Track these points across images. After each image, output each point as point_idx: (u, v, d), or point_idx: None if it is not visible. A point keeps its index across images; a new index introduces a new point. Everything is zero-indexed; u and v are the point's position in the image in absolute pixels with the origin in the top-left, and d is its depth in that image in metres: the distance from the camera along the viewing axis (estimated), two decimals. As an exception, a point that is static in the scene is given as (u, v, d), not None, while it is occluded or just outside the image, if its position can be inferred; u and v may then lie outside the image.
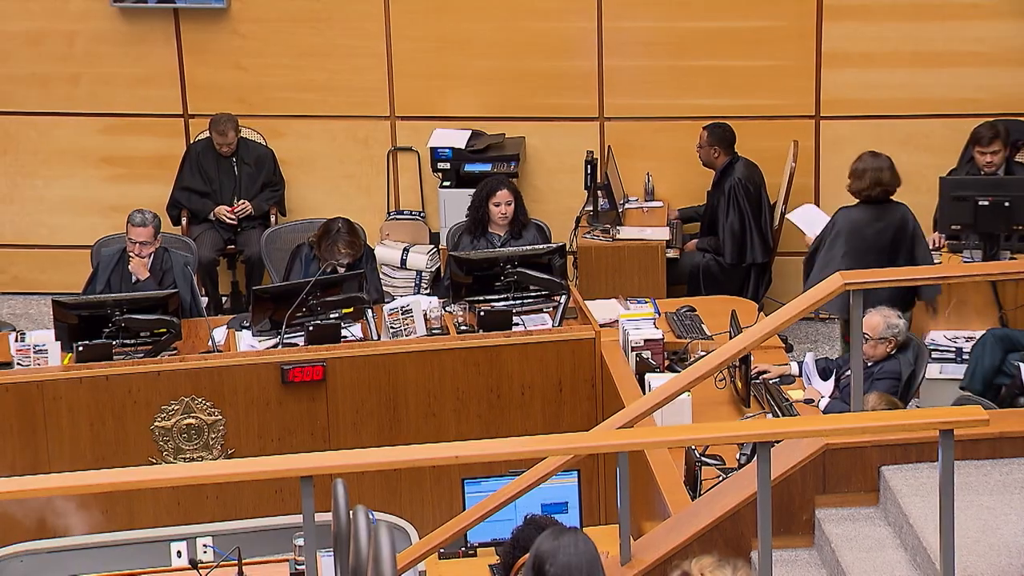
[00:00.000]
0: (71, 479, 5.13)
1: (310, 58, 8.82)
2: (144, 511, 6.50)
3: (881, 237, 7.27)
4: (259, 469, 4.68)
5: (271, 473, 4.63)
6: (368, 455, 4.67)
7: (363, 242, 7.61)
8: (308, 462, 4.52)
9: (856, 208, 7.35)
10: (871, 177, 7.26)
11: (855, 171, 7.34)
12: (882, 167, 7.29)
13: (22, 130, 8.94)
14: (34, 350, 6.68)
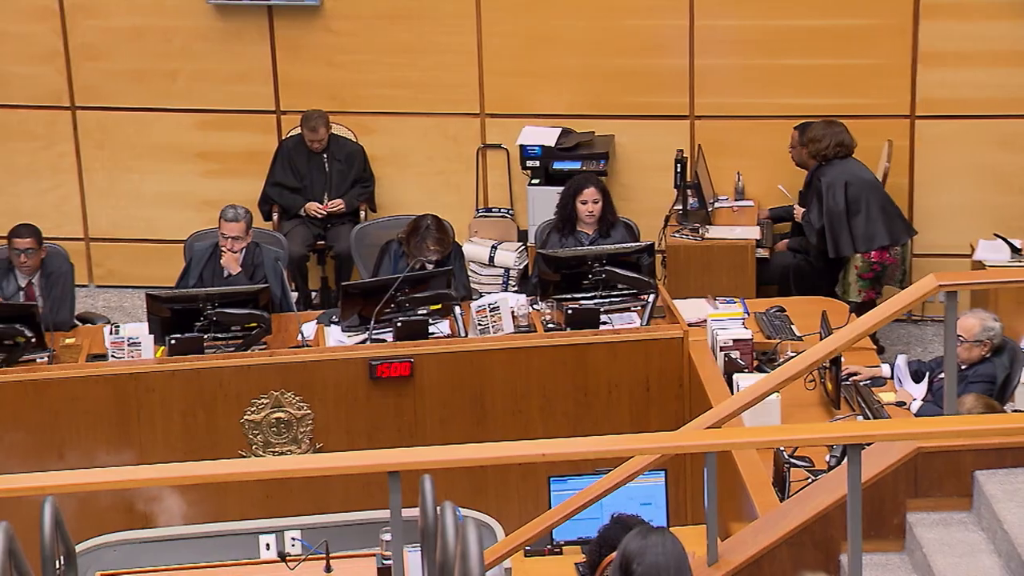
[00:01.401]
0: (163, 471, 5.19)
1: (401, 55, 8.85)
2: (233, 503, 6.55)
3: (870, 182, 8.02)
4: (348, 464, 4.71)
5: (359, 468, 4.64)
6: (455, 451, 4.68)
7: (452, 239, 7.63)
8: (396, 457, 4.54)
9: (830, 165, 8.03)
10: (832, 139, 8.03)
11: (812, 139, 8.08)
12: (841, 131, 8.06)
13: (119, 125, 9.06)
14: (128, 343, 6.76)
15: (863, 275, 8.08)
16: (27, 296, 7.35)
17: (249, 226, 7.52)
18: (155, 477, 5.31)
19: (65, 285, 7.49)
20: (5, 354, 6.68)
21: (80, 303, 8.14)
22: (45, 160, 9.12)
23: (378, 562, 5.33)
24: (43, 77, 8.97)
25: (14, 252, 7.38)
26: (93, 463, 6.44)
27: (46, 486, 4.52)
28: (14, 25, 8.88)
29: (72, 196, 9.18)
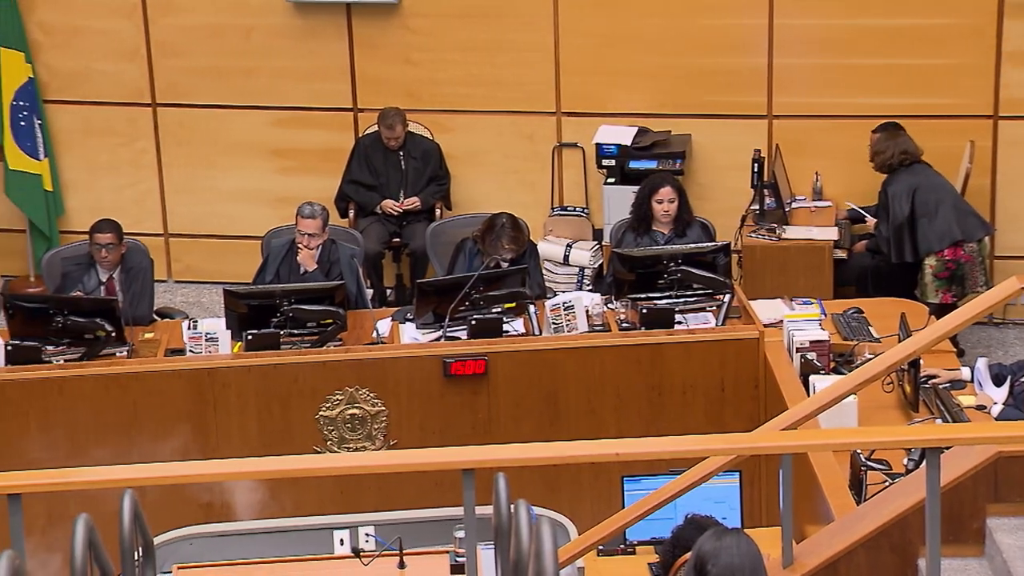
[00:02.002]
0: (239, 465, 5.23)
1: (478, 53, 8.86)
2: (308, 498, 6.59)
3: (940, 184, 8.03)
4: (422, 461, 4.72)
5: (433, 465, 4.65)
6: (530, 450, 4.67)
7: (527, 237, 7.62)
8: (470, 455, 4.54)
9: (897, 174, 8.01)
10: (895, 148, 8.02)
11: (876, 151, 8.09)
12: (903, 139, 8.05)
13: (198, 122, 9.14)
14: (205, 338, 6.81)
15: (938, 275, 7.99)
16: (107, 291, 7.43)
17: (326, 223, 7.56)
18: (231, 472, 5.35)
19: (145, 280, 7.56)
20: (85, 348, 6.76)
21: (159, 298, 8.22)
22: (126, 156, 9.23)
23: (451, 559, 5.34)
24: (125, 74, 9.07)
25: (95, 247, 7.47)
26: (170, 457, 6.50)
27: (125, 479, 4.57)
28: (98, 22, 8.99)
29: (152, 192, 9.28)
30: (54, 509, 6.30)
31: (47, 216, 9.09)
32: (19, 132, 8.95)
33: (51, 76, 9.07)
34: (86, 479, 4.63)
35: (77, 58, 9.04)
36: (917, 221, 7.99)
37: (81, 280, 7.44)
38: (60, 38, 9.02)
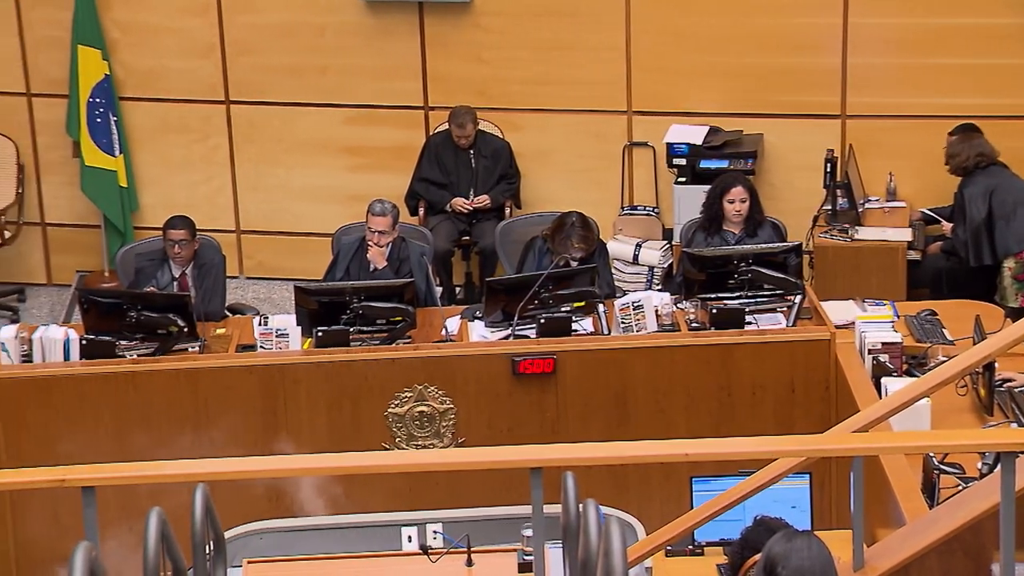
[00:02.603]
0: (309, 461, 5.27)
1: (549, 52, 8.86)
2: (376, 495, 6.61)
3: (1017, 185, 7.95)
4: (490, 459, 4.72)
5: (502, 463, 4.66)
6: (599, 449, 4.67)
7: (596, 236, 7.61)
8: (539, 454, 4.54)
9: (973, 177, 7.92)
10: (970, 151, 7.95)
11: (951, 155, 8.03)
12: (979, 142, 7.99)
13: (269, 119, 9.20)
14: (276, 334, 6.85)
15: (1017, 276, 7.89)
16: (180, 286, 7.49)
17: (396, 221, 7.59)
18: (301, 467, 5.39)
19: (217, 276, 7.62)
20: (158, 343, 6.82)
21: (231, 294, 8.27)
22: (199, 153, 9.31)
23: (519, 557, 5.33)
24: (200, 71, 9.14)
25: (168, 243, 7.53)
26: (240, 452, 6.55)
27: (197, 473, 4.61)
28: (174, 20, 9.07)
29: (225, 189, 9.35)
30: (126, 502, 6.36)
31: (122, 212, 9.19)
32: (95, 129, 9.05)
33: (127, 73, 9.16)
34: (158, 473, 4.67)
35: (153, 56, 9.12)
36: (995, 223, 7.89)
37: (154, 276, 7.51)
38: (136, 36, 9.12)
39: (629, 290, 8.19)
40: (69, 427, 6.65)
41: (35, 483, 4.71)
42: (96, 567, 3.52)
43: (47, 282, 9.51)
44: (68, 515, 6.42)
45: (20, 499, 6.48)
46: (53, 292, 9.45)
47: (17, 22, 9.08)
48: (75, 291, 9.10)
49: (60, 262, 9.49)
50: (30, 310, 9.22)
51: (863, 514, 4.80)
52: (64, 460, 6.41)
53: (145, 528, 3.98)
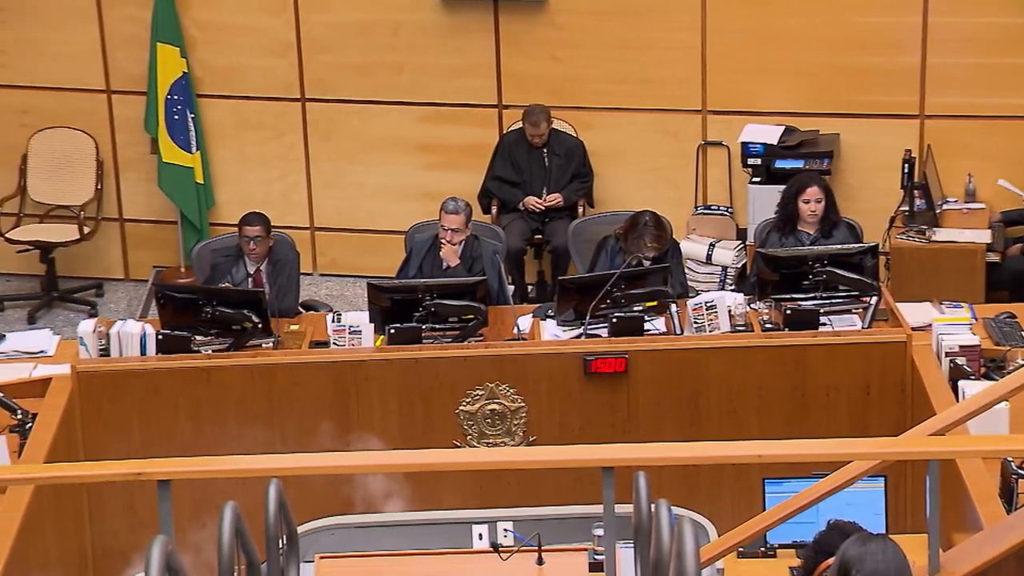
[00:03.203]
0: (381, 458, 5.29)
1: (624, 50, 8.83)
2: (447, 492, 6.62)
3: None
4: (561, 458, 4.72)
5: (573, 462, 4.66)
6: (671, 449, 4.65)
7: (670, 236, 7.58)
8: (611, 453, 4.53)
9: None
10: None
11: None
12: None
13: (345, 117, 9.25)
14: (349, 331, 6.88)
15: None
16: (255, 283, 7.54)
17: (469, 219, 7.59)
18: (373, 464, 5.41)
19: (291, 273, 7.66)
20: (233, 338, 6.87)
21: (304, 291, 8.32)
22: (275, 150, 9.37)
23: (590, 557, 5.32)
24: (276, 70, 9.21)
25: (244, 239, 7.59)
26: (313, 448, 6.58)
27: (271, 468, 4.64)
28: (251, 19, 9.14)
29: (299, 186, 9.41)
30: (200, 496, 6.42)
31: (198, 208, 9.27)
32: (173, 126, 9.14)
33: (204, 71, 9.25)
34: (233, 467, 4.71)
35: (230, 54, 9.20)
36: None
37: (229, 272, 7.56)
38: (214, 34, 9.20)
39: (702, 290, 8.14)
40: (144, 421, 6.71)
41: (113, 476, 4.77)
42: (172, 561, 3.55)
43: (124, 277, 9.62)
44: (143, 507, 6.48)
45: (97, 491, 6.55)
46: (130, 287, 9.55)
47: (98, 20, 9.19)
48: (152, 286, 9.20)
49: (137, 258, 9.59)
50: (108, 305, 9.34)
51: (939, 518, 4.74)
52: (139, 453, 6.49)
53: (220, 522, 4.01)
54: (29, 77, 9.26)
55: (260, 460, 4.72)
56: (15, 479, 5.37)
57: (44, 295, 9.26)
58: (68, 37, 9.19)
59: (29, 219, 9.37)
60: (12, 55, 9.24)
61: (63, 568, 6.26)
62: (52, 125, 9.30)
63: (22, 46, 9.22)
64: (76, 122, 9.29)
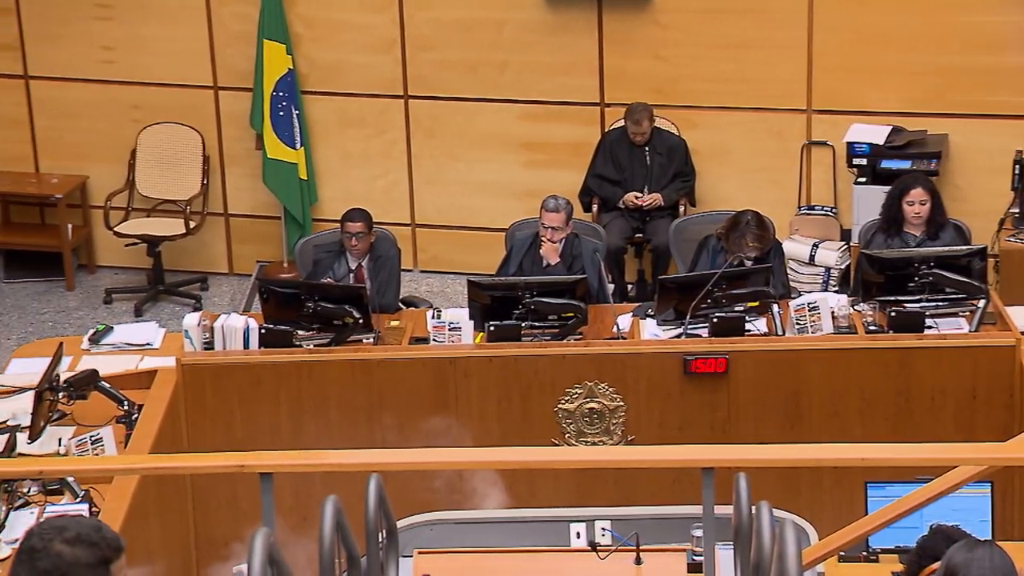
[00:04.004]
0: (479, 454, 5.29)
1: (729, 49, 8.77)
2: (545, 490, 6.62)
3: None
4: (661, 457, 4.70)
5: (673, 462, 4.63)
6: (772, 451, 4.60)
7: (772, 236, 7.51)
8: (711, 454, 4.50)
9: None
10: None
11: None
12: None
13: (449, 114, 9.28)
14: (449, 327, 6.89)
15: None
16: (356, 278, 7.59)
17: (569, 217, 7.58)
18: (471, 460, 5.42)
19: (392, 269, 7.71)
20: (334, 334, 6.92)
21: (405, 287, 8.37)
22: (377, 147, 9.43)
23: (688, 558, 5.29)
24: (380, 67, 9.27)
25: (346, 235, 7.64)
26: (412, 443, 6.62)
27: (371, 463, 4.66)
28: (356, 16, 9.21)
29: (401, 183, 9.46)
30: (301, 489, 6.48)
31: (301, 204, 9.36)
32: (278, 122, 9.24)
33: (310, 68, 9.33)
34: (334, 462, 4.74)
35: (335, 50, 9.28)
36: None
37: (331, 267, 7.62)
38: (320, 31, 9.28)
39: (805, 291, 8.07)
40: (247, 414, 6.78)
41: (216, 468, 4.82)
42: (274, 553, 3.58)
43: (229, 271, 9.73)
44: (245, 499, 6.56)
45: (200, 482, 6.64)
46: (234, 281, 9.67)
47: (207, 17, 9.31)
48: (255, 281, 9.31)
49: (241, 252, 9.70)
50: (212, 298, 9.46)
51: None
52: (241, 445, 6.56)
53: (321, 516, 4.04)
54: (139, 73, 9.41)
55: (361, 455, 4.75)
56: (121, 469, 5.46)
57: (151, 288, 9.40)
58: (177, 34, 9.32)
59: (137, 213, 9.52)
60: (122, 51, 9.40)
61: (167, 558, 6.35)
62: (160, 120, 9.44)
63: (132, 43, 9.37)
64: (184, 118, 9.43)
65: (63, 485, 5.70)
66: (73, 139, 9.54)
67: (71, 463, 5.67)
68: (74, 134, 9.53)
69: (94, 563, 2.88)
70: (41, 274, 9.58)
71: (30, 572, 2.86)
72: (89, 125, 9.50)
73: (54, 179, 9.56)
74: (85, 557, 2.87)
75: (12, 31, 9.40)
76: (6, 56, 9.42)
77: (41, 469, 5.12)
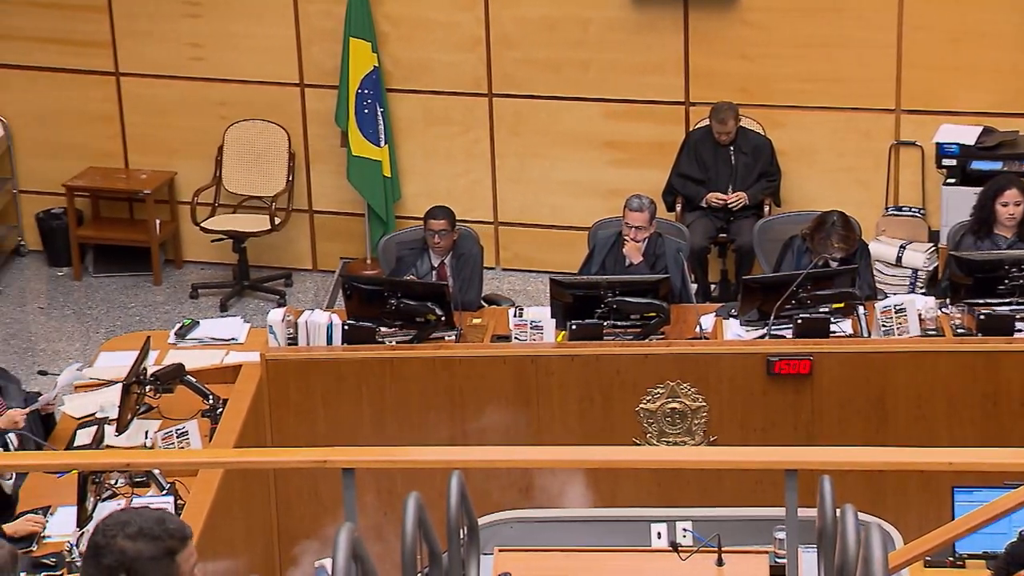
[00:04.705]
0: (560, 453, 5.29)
1: (816, 48, 8.69)
2: (626, 490, 6.60)
3: None
4: (744, 459, 4.67)
5: (756, 464, 4.60)
6: (858, 453, 4.56)
7: (858, 237, 7.44)
8: (795, 456, 4.46)
9: None
10: None
11: None
12: None
13: (534, 112, 9.28)
14: (531, 326, 6.89)
15: None
16: (439, 276, 7.61)
17: (653, 216, 7.56)
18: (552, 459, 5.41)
19: (474, 267, 7.72)
20: (416, 330, 6.94)
21: (487, 285, 8.38)
22: (461, 145, 9.45)
23: (771, 560, 5.24)
24: (464, 65, 9.29)
25: (429, 233, 7.66)
26: (492, 441, 6.62)
27: (453, 460, 4.67)
28: (442, 14, 9.23)
29: (484, 180, 9.48)
30: (383, 484, 6.51)
31: (385, 201, 9.40)
32: (363, 119, 9.28)
33: (395, 66, 9.37)
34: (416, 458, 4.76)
35: (420, 48, 9.31)
36: None
37: (414, 264, 7.65)
38: (405, 29, 9.31)
39: (891, 292, 7.98)
40: (329, 409, 6.83)
41: (299, 463, 4.85)
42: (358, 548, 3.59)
43: (312, 268, 9.80)
44: (328, 494, 6.60)
45: (283, 476, 6.69)
46: (318, 278, 9.73)
47: (294, 14, 9.38)
48: (339, 277, 9.36)
49: (325, 248, 9.76)
50: (296, 294, 9.53)
51: None
52: (323, 440, 6.60)
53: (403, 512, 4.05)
54: (226, 70, 9.50)
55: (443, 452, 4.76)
56: (206, 463, 5.52)
57: (236, 284, 9.49)
58: (264, 31, 9.40)
59: (223, 209, 9.61)
60: (210, 48, 9.49)
61: (250, 551, 6.41)
62: (247, 117, 9.52)
63: (220, 40, 9.46)
64: (270, 115, 9.51)
65: (149, 477, 5.77)
66: (162, 135, 9.66)
67: (157, 456, 5.75)
68: (163, 130, 9.65)
69: (158, 556, 2.90)
70: (129, 268, 9.70)
71: (96, 569, 2.89)
72: (177, 122, 9.61)
73: (143, 175, 9.68)
74: (148, 551, 2.90)
75: (104, 29, 9.53)
76: (99, 53, 9.56)
77: (128, 462, 5.18)
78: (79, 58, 9.55)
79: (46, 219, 9.79)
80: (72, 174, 9.60)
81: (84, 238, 9.68)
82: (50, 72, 9.58)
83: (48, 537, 5.65)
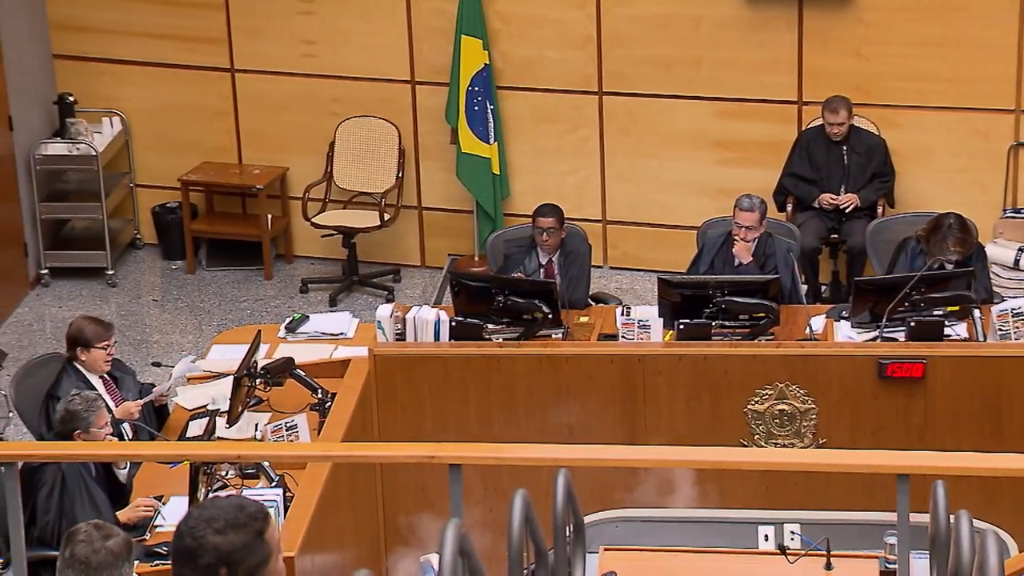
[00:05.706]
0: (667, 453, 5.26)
1: (933, 47, 8.55)
2: (732, 491, 6.54)
3: None
4: (854, 462, 4.60)
5: (867, 467, 4.53)
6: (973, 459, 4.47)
7: (975, 239, 7.31)
8: (907, 460, 4.39)
9: None
10: None
11: None
12: None
13: (644, 111, 9.24)
14: (638, 325, 6.86)
15: None
16: (546, 273, 7.61)
17: (763, 216, 7.49)
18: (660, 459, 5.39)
19: (582, 265, 7.71)
20: (523, 328, 6.94)
21: (594, 283, 8.36)
22: (570, 143, 9.44)
23: (881, 565, 5.18)
24: (574, 62, 9.27)
25: (537, 230, 7.66)
26: (598, 439, 6.60)
27: (560, 458, 4.66)
28: (553, 12, 9.23)
29: (592, 179, 9.45)
30: (488, 480, 6.52)
31: (493, 198, 9.42)
32: (472, 117, 9.31)
33: (505, 63, 9.38)
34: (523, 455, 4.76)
35: (530, 46, 9.31)
36: None
37: (522, 262, 7.65)
38: (516, 27, 9.32)
39: (1008, 296, 7.82)
40: (436, 405, 6.85)
41: (407, 458, 4.88)
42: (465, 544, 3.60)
43: (421, 264, 9.85)
44: (434, 489, 6.63)
45: (390, 470, 6.73)
46: (426, 274, 9.78)
47: (406, 12, 9.43)
48: (447, 274, 9.39)
49: (434, 245, 9.81)
50: (404, 290, 9.58)
51: None
52: (430, 436, 6.63)
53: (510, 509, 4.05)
54: (338, 67, 9.58)
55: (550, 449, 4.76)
56: (315, 456, 5.56)
57: (345, 279, 9.57)
58: (376, 28, 9.47)
59: (334, 205, 9.69)
60: (323, 45, 9.58)
61: (357, 544, 6.46)
62: (358, 114, 9.60)
63: (332, 37, 9.55)
64: (381, 111, 9.57)
65: (259, 469, 5.84)
66: (274, 131, 9.77)
67: (267, 448, 5.81)
68: (275, 126, 9.75)
69: (250, 541, 2.93)
70: (241, 263, 9.82)
71: (194, 571, 2.91)
72: (290, 118, 9.71)
73: (256, 170, 9.80)
74: (240, 540, 2.92)
75: (220, 26, 9.65)
76: (215, 50, 9.69)
77: (239, 453, 5.25)
78: (195, 55, 9.69)
79: (161, 213, 9.95)
80: (187, 169, 9.74)
81: (198, 232, 9.82)
82: (167, 68, 9.73)
83: (161, 526, 5.74)
